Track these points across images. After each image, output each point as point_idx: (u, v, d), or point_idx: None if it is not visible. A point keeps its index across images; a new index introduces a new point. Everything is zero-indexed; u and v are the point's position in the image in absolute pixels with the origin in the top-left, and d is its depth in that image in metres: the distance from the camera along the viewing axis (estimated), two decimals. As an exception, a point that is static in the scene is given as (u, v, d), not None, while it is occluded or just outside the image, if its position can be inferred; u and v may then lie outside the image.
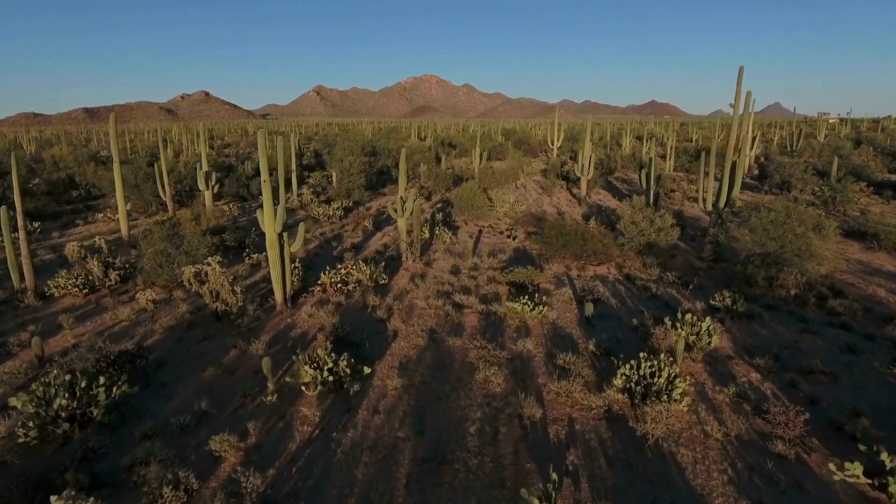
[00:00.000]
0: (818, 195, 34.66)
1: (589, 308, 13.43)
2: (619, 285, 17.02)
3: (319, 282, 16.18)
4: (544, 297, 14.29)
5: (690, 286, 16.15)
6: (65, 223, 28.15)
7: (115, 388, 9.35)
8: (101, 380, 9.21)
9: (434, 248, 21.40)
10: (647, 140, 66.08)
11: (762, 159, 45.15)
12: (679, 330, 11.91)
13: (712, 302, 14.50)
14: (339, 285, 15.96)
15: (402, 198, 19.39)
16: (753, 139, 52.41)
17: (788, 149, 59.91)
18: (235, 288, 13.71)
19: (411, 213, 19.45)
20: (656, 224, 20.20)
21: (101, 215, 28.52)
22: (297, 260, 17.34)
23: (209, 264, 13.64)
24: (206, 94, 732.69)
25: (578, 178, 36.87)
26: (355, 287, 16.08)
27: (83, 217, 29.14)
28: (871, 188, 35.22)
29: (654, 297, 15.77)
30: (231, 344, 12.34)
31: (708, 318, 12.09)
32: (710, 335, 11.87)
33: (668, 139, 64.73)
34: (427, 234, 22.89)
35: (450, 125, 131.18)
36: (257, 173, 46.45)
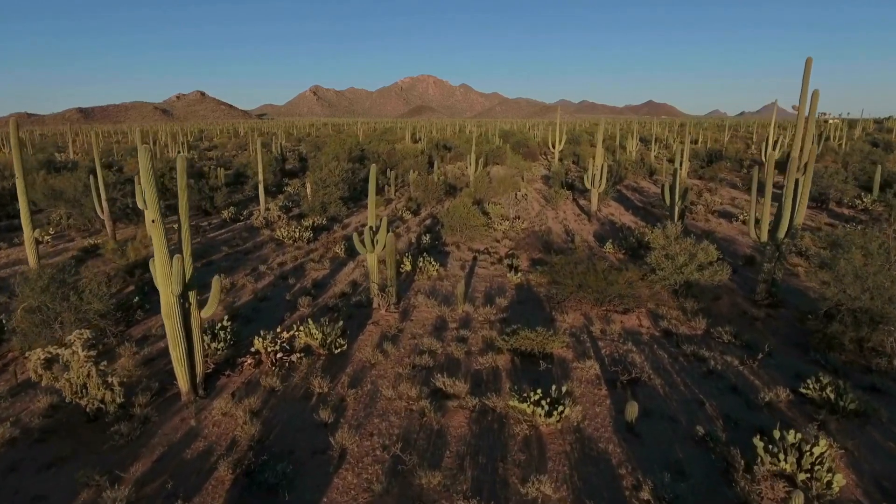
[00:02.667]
0: (861, 209, 30.49)
1: (632, 411, 9.05)
2: (660, 349, 12.66)
3: (253, 349, 11.80)
4: (563, 388, 9.88)
5: (760, 356, 11.79)
6: (-16, 246, 23.73)
7: None
8: None
9: (416, 287, 17.01)
10: (654, 143, 61.87)
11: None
12: (784, 464, 7.58)
13: (803, 390, 10.15)
14: (279, 355, 11.59)
15: (371, 227, 14.97)
16: (775, 142, 48.25)
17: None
18: (111, 378, 9.30)
19: (384, 247, 15.04)
20: (698, 258, 15.88)
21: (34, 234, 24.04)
22: (227, 318, 12.91)
23: (70, 344, 9.23)
24: (202, 94, 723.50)
25: (586, 189, 32.60)
26: (301, 359, 11.69)
27: (10, 238, 24.68)
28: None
29: (713, 373, 11.41)
30: (85, 479, 7.95)
31: (822, 441, 7.76)
32: (831, 471, 7.55)
33: (676, 141, 60.48)
34: (409, 266, 18.51)
35: (446, 126, 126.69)
36: (230, 182, 42.12)
